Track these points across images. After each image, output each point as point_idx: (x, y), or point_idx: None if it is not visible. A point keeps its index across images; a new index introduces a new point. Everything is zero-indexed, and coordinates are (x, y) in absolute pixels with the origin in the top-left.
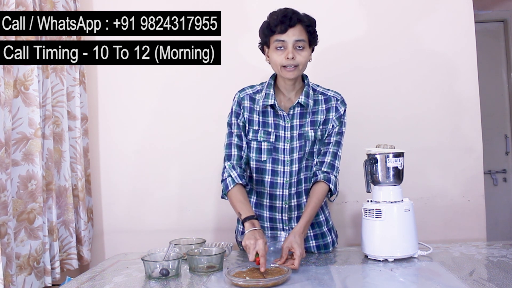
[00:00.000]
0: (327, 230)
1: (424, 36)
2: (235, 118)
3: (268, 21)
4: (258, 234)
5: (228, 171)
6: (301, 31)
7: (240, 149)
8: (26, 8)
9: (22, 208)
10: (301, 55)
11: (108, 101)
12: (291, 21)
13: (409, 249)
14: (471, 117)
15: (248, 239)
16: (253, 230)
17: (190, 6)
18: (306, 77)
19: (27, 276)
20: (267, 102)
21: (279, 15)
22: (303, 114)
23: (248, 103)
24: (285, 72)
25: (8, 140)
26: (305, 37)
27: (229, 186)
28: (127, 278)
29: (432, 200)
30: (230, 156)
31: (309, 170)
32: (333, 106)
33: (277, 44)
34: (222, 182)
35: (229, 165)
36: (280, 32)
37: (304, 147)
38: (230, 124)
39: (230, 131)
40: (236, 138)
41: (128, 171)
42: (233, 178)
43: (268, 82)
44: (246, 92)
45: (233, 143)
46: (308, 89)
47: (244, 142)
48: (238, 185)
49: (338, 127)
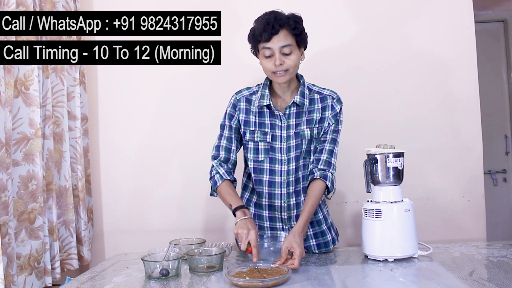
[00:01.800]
0: (327, 228)
1: (424, 36)
2: (228, 120)
3: (253, 29)
4: (250, 223)
5: (216, 169)
6: (286, 35)
7: (229, 151)
8: (26, 8)
9: (22, 208)
10: (289, 59)
11: (108, 101)
12: (274, 28)
13: (409, 249)
14: (471, 117)
15: (241, 228)
16: (245, 219)
17: (189, 6)
18: (301, 76)
19: (28, 276)
20: (263, 102)
21: (262, 23)
22: (299, 113)
23: (244, 104)
24: (276, 77)
25: (9, 140)
26: (291, 41)
27: (217, 182)
28: (127, 278)
29: (432, 200)
30: (217, 156)
31: (306, 169)
32: (329, 105)
33: (264, 52)
34: (211, 179)
35: (217, 163)
36: (265, 41)
37: (301, 146)
38: (222, 126)
39: (221, 133)
40: (225, 141)
41: (128, 171)
42: (221, 175)
43: (264, 83)
44: (242, 94)
45: (221, 145)
46: (304, 89)
47: (233, 145)
48: (226, 180)
49: (334, 125)
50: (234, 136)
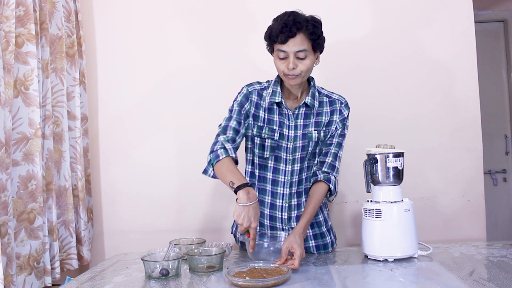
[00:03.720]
0: (326, 231)
1: (424, 36)
2: (238, 106)
3: (271, 28)
4: (253, 214)
5: (222, 144)
6: (302, 40)
7: (236, 133)
8: (26, 8)
9: (22, 208)
10: (303, 63)
11: (108, 101)
12: (291, 31)
13: (409, 249)
14: (471, 117)
15: (241, 219)
16: (248, 205)
17: (191, 5)
18: (312, 79)
19: (27, 276)
20: (274, 99)
21: (280, 24)
22: (307, 115)
23: (256, 98)
24: (288, 79)
25: (8, 140)
26: (307, 46)
27: (220, 156)
28: (127, 278)
29: (432, 200)
30: (225, 134)
31: (310, 170)
32: (338, 109)
33: (279, 54)
34: (211, 153)
35: (224, 138)
36: (281, 43)
37: (307, 147)
38: (231, 110)
39: (230, 115)
40: (235, 122)
41: (128, 171)
42: (227, 149)
43: (275, 80)
44: (254, 87)
45: (230, 125)
46: (314, 91)
47: (241, 129)
48: (229, 157)
49: (341, 129)
50: (243, 122)
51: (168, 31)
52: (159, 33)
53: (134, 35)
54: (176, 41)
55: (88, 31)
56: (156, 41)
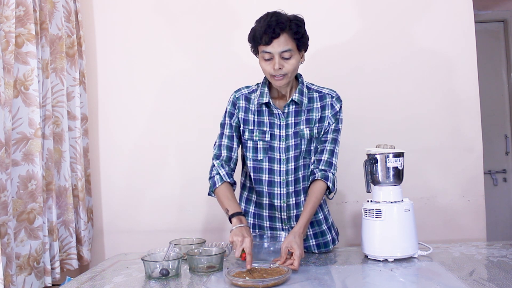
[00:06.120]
0: (327, 228)
1: (424, 36)
2: (228, 118)
3: (254, 30)
4: (246, 231)
5: (216, 169)
6: (287, 40)
7: (230, 150)
8: (26, 8)
9: (22, 208)
10: (288, 63)
11: (108, 101)
12: (275, 32)
13: (409, 249)
14: (471, 117)
15: (236, 236)
16: (240, 227)
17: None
18: (300, 75)
19: (27, 276)
20: (262, 100)
21: (263, 25)
22: (298, 112)
23: (244, 103)
24: (274, 80)
25: (8, 140)
26: (291, 45)
27: (217, 184)
28: (127, 278)
29: (432, 200)
30: (220, 156)
31: (306, 169)
32: (329, 104)
33: (264, 55)
34: (210, 179)
35: (218, 163)
36: (265, 44)
37: (300, 146)
38: (222, 125)
39: (222, 131)
40: (226, 139)
41: (128, 171)
42: (222, 176)
43: (263, 81)
44: (241, 92)
45: (223, 144)
46: (302, 87)
47: (235, 143)
48: (226, 183)
49: (334, 124)
50: (235, 134)
51: (168, 30)
52: (159, 33)
53: (134, 35)
54: (176, 41)
55: (88, 31)
56: (156, 40)
